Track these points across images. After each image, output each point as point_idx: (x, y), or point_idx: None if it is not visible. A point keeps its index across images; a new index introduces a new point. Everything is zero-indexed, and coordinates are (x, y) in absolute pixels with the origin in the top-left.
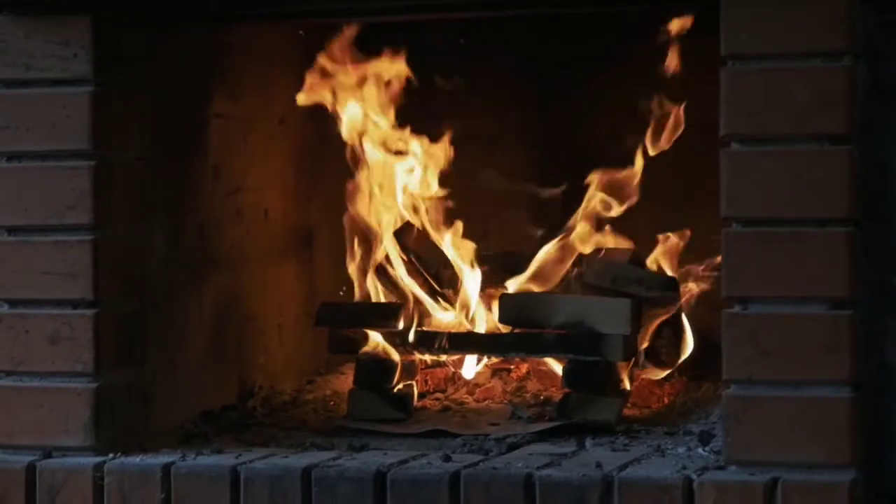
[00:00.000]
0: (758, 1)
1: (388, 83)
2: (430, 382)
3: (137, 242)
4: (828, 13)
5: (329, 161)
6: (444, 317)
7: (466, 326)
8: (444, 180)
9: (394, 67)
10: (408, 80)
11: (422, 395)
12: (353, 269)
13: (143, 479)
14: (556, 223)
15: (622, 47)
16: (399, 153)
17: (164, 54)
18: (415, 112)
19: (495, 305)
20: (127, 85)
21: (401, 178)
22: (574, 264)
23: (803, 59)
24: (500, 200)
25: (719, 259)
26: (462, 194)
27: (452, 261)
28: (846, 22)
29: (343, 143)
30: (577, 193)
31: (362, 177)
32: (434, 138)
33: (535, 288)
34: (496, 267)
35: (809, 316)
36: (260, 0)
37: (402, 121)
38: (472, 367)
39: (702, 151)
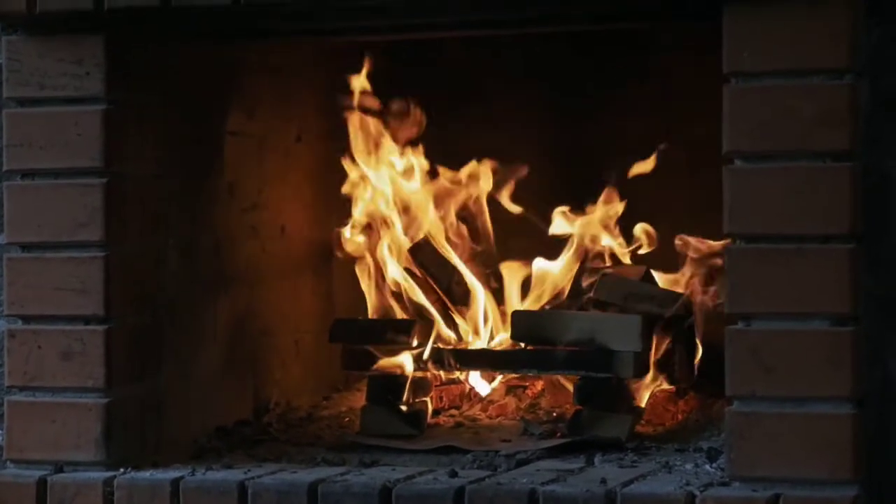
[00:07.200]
0: (760, 18)
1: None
2: (444, 399)
3: (151, 258)
4: (830, 30)
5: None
6: (456, 333)
7: (478, 343)
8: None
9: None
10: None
11: (436, 412)
12: (367, 285)
13: (152, 494)
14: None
15: (641, 64)
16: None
17: (180, 72)
18: (433, 128)
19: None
20: (140, 102)
21: (416, 194)
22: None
23: (806, 76)
24: (519, 217)
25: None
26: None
27: (465, 277)
28: (849, 39)
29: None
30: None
31: (377, 194)
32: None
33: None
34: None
35: (812, 332)
36: (271, 18)
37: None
38: (487, 383)
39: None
